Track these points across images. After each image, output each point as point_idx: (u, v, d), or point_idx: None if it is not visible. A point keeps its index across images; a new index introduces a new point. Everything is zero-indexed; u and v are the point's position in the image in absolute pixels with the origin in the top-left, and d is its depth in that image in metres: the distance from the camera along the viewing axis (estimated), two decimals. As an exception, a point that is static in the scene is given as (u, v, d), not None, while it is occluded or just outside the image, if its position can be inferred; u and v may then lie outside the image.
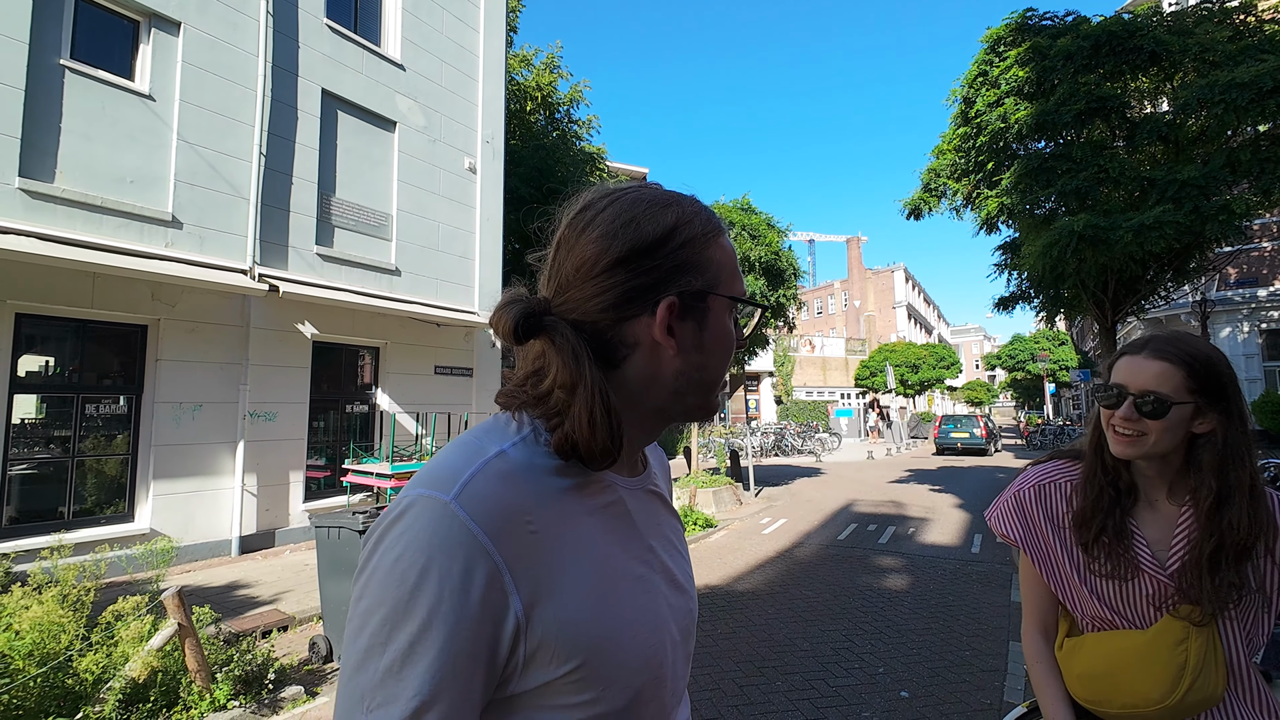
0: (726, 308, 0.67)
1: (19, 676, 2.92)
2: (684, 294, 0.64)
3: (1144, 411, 1.09)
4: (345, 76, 8.83)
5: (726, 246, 0.69)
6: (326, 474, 8.75)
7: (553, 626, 0.56)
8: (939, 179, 11.41)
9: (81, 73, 6.38)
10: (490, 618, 0.53)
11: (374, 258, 9.13)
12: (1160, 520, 1.17)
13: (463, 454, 0.59)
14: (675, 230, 0.64)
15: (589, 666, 0.57)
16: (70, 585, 3.40)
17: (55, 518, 6.32)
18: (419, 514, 0.54)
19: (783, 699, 3.63)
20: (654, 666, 0.62)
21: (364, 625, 0.52)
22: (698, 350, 0.65)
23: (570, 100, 18.27)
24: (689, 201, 0.68)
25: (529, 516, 0.57)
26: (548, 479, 0.60)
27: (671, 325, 0.63)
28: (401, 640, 0.50)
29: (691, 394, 0.67)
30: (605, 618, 0.59)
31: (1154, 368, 1.10)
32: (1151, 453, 1.10)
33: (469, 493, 0.54)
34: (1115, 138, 9.63)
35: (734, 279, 0.68)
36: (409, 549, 0.52)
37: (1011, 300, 12.30)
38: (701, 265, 0.65)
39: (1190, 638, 1.08)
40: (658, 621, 0.65)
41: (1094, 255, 8.53)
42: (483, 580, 0.52)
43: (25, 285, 5.96)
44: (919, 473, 16.49)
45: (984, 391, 49.04)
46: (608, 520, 0.64)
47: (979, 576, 6.31)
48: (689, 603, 0.74)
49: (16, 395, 6.10)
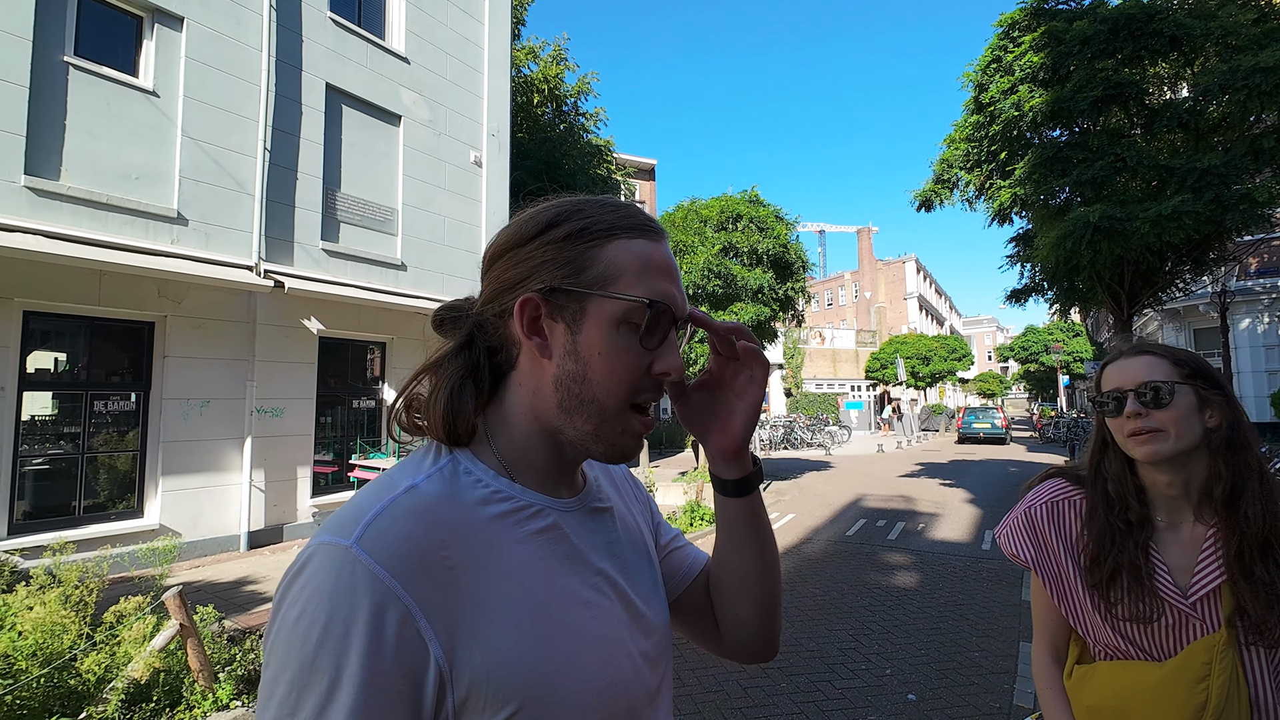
0: (618, 314, 0.59)
1: (22, 677, 2.94)
2: (547, 290, 0.60)
3: (1149, 401, 1.06)
4: (349, 70, 8.79)
5: (635, 249, 0.61)
6: (334, 469, 8.78)
7: (482, 669, 0.51)
8: (951, 169, 11.21)
9: (85, 69, 6.38)
10: (407, 669, 0.48)
11: (379, 253, 9.11)
12: (1183, 544, 1.08)
13: (370, 494, 0.55)
14: (551, 225, 0.61)
15: (529, 709, 0.52)
16: (73, 586, 3.40)
17: (67, 513, 6.38)
18: (319, 565, 0.49)
19: (787, 701, 3.59)
20: (610, 701, 0.57)
21: (271, 695, 0.47)
22: (570, 357, 0.60)
23: (578, 92, 18.16)
24: (597, 204, 0.63)
25: (445, 552, 0.52)
26: (467, 510, 0.56)
27: (542, 324, 0.60)
28: (309, 707, 0.46)
29: (577, 413, 0.60)
30: (543, 654, 0.54)
31: (1141, 361, 1.11)
32: (1177, 448, 1.04)
33: (372, 534, 0.50)
34: (1133, 125, 9.41)
35: (634, 284, 0.60)
36: (310, 604, 0.48)
37: (1025, 293, 12.11)
38: (580, 262, 0.60)
39: (1212, 675, 1.00)
40: (613, 649, 0.60)
41: (1110, 247, 8.35)
42: (393, 628, 0.48)
43: (33, 283, 5.99)
44: (930, 466, 16.35)
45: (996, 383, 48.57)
46: (542, 547, 0.59)
47: (989, 574, 6.23)
48: (655, 622, 0.68)
49: (26, 393, 6.15)
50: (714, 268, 10.39)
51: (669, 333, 0.62)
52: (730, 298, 10.73)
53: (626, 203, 0.66)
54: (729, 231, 11.08)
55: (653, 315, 0.60)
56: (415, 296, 9.14)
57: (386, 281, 9.08)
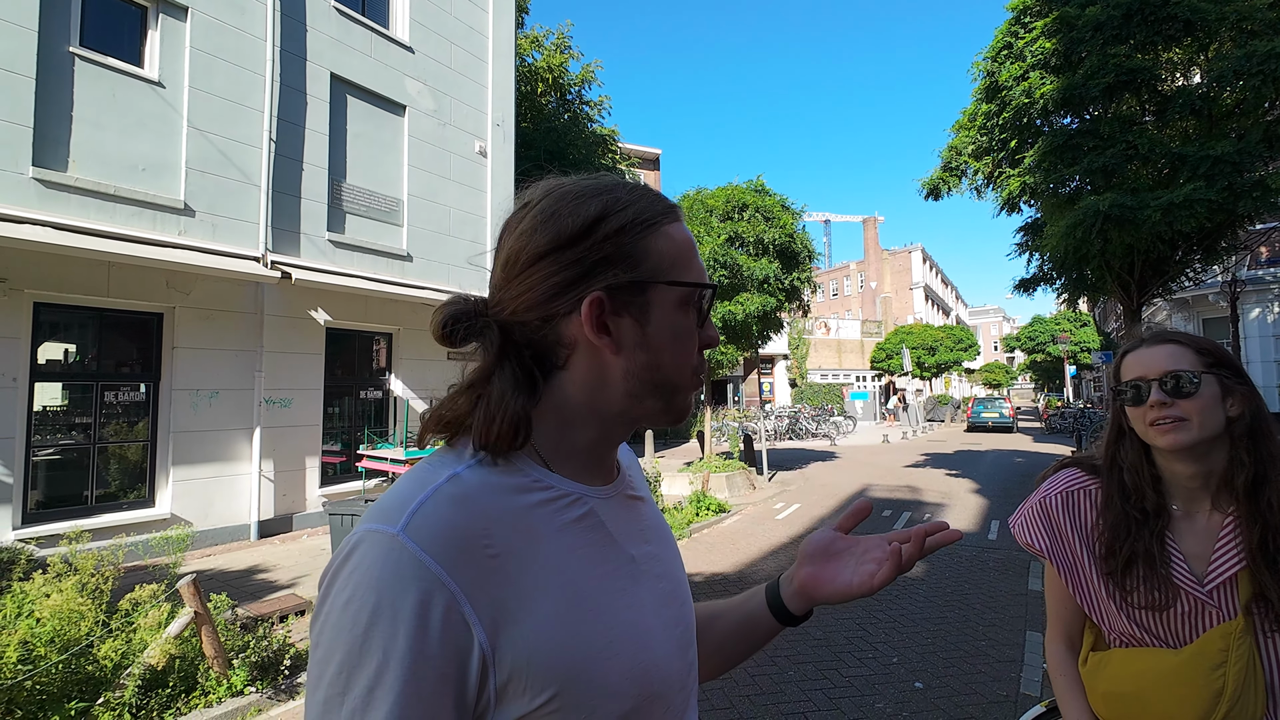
0: (677, 300, 0.62)
1: (41, 663, 2.98)
2: (613, 288, 0.60)
3: (1172, 390, 1.05)
4: (354, 60, 8.75)
5: (675, 235, 0.63)
6: (342, 459, 8.84)
7: (523, 654, 0.52)
8: (959, 157, 11.11)
9: (91, 60, 6.37)
10: (452, 652, 0.49)
11: (385, 243, 9.11)
12: (1200, 532, 1.08)
13: (413, 482, 0.56)
14: (600, 221, 0.60)
15: (567, 694, 0.53)
16: (89, 574, 3.45)
17: (80, 502, 6.44)
18: (366, 551, 0.50)
19: (794, 689, 3.61)
20: (643, 685, 0.58)
21: (321, 676, 0.48)
22: (641, 349, 0.61)
23: (582, 81, 18.06)
24: (626, 190, 0.63)
25: (486, 540, 0.53)
26: (508, 498, 0.57)
27: (606, 322, 0.60)
28: (359, 688, 0.47)
29: (649, 397, 0.62)
30: (581, 640, 0.55)
31: (1164, 350, 1.09)
32: (1200, 436, 1.04)
33: (417, 522, 0.51)
34: (1145, 112, 9.29)
35: (684, 268, 0.63)
36: (359, 590, 0.49)
37: (1032, 282, 12.03)
38: (635, 256, 0.61)
39: (1229, 662, 1.00)
40: (645, 637, 0.61)
41: (1120, 235, 8.27)
42: (440, 613, 0.49)
43: (42, 274, 6.02)
44: (935, 457, 16.34)
45: (1002, 374, 48.35)
46: (579, 535, 0.60)
47: (996, 564, 6.23)
48: (683, 611, 0.70)
49: (38, 383, 6.19)
50: (720, 257, 10.35)
51: (707, 310, 0.66)
52: (736, 288, 10.70)
53: (644, 185, 0.67)
54: (735, 221, 11.03)
55: (710, 296, 0.64)
56: (421, 287, 9.15)
57: (392, 272, 9.09)
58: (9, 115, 5.77)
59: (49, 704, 2.96)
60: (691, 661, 0.69)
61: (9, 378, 5.80)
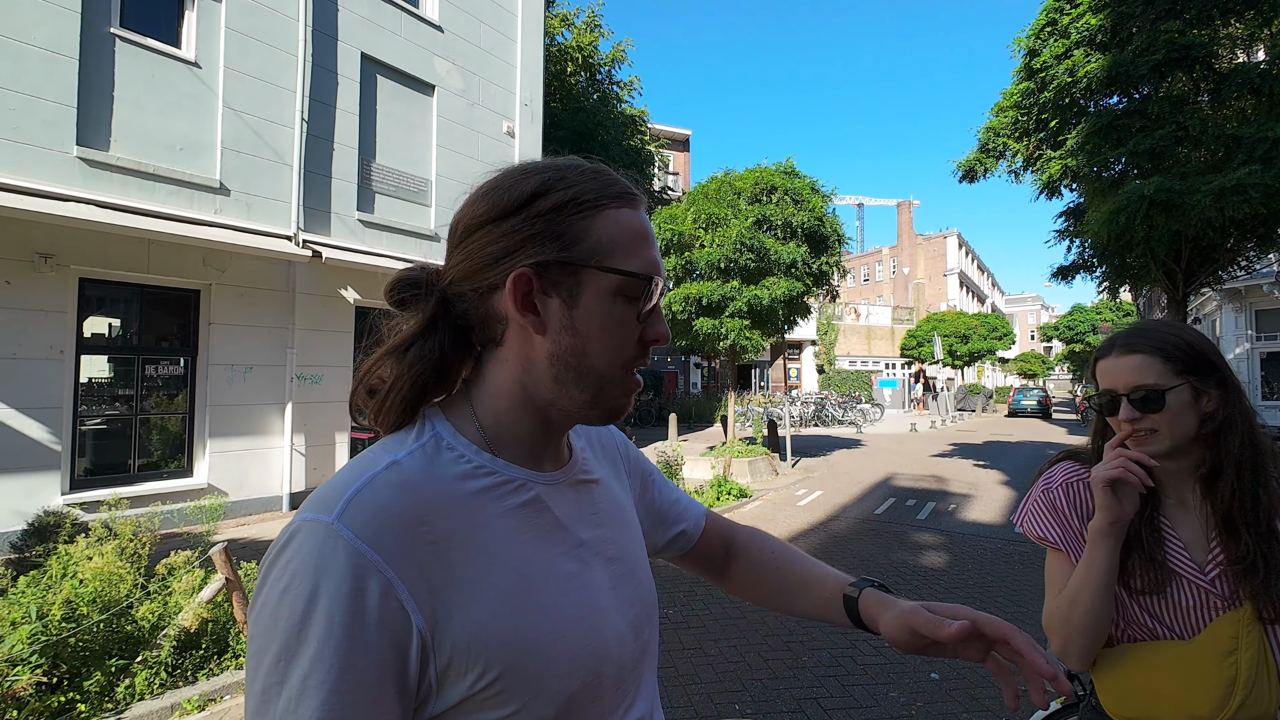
0: (613, 286, 0.60)
1: (84, 622, 3.14)
2: (541, 265, 0.59)
3: (1140, 404, 1.06)
4: (384, 39, 8.79)
5: (622, 220, 0.61)
6: (370, 435, 8.94)
7: (463, 639, 0.52)
8: (998, 139, 10.72)
9: (131, 41, 6.52)
10: (390, 639, 0.50)
11: (414, 223, 9.22)
12: (1194, 520, 1.09)
13: (353, 470, 0.56)
14: (537, 196, 0.60)
15: (510, 676, 0.54)
16: (127, 539, 3.61)
17: (124, 470, 6.73)
18: (303, 540, 0.50)
19: (808, 675, 3.62)
20: (590, 666, 0.59)
21: (259, 666, 0.49)
22: (568, 332, 0.60)
23: (612, 61, 17.88)
24: (576, 172, 0.62)
25: (426, 526, 0.54)
26: (450, 485, 0.57)
27: (535, 300, 0.60)
28: (296, 676, 0.47)
29: (573, 385, 0.61)
30: (523, 624, 0.55)
31: (1130, 362, 1.09)
32: (1173, 445, 1.06)
33: (354, 510, 0.51)
34: (1199, 91, 8.82)
35: (627, 256, 0.60)
36: (295, 579, 0.49)
37: (1072, 270, 11.61)
38: (570, 236, 0.59)
39: (1240, 649, 1.01)
40: (593, 618, 0.61)
41: (1166, 222, 7.92)
42: (376, 600, 0.49)
43: (87, 251, 6.24)
44: (964, 447, 16.04)
45: (1038, 364, 47.11)
46: (523, 520, 0.61)
47: (1021, 557, 6.12)
48: (639, 590, 0.69)
49: (83, 356, 6.45)
50: (747, 241, 10.21)
51: (655, 301, 0.63)
52: (763, 271, 10.56)
53: (603, 167, 0.65)
54: (763, 204, 10.85)
55: (650, 288, 0.61)
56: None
57: (420, 252, 9.20)
58: (55, 96, 5.95)
59: (91, 660, 3.12)
60: (647, 640, 0.69)
61: (56, 350, 6.05)
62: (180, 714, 3.14)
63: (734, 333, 10.45)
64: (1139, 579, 1.08)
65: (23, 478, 5.78)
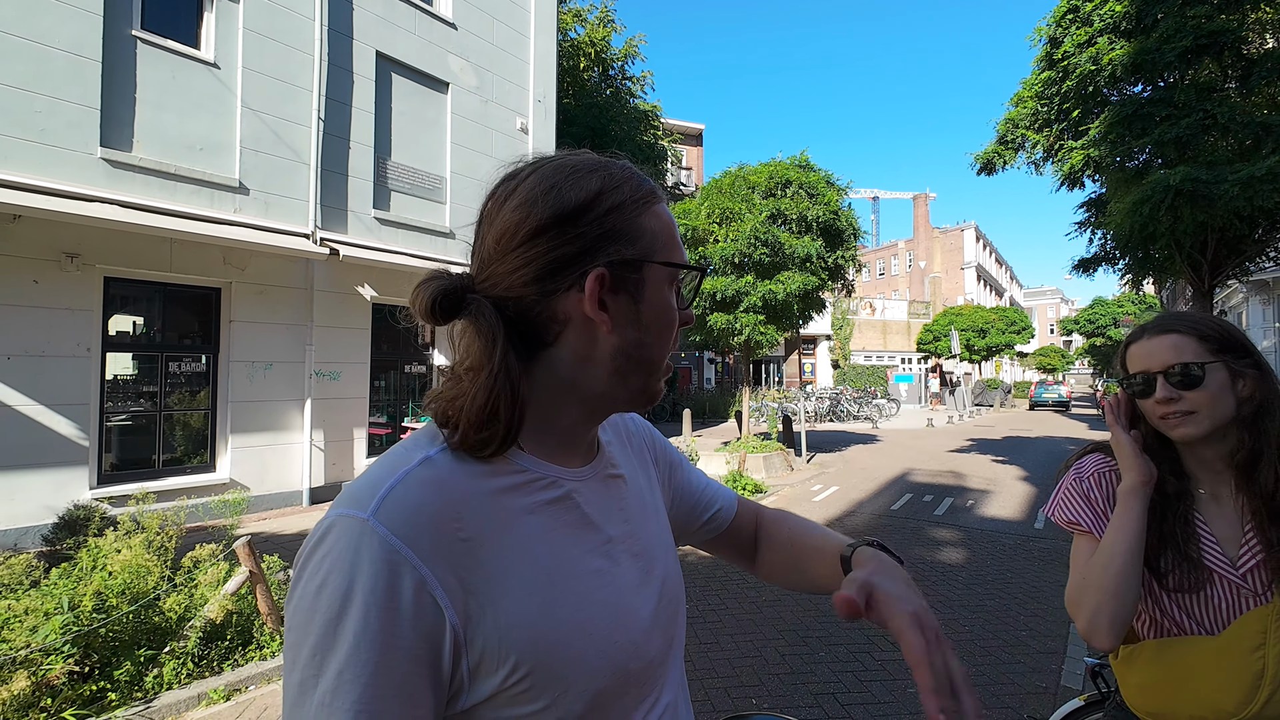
0: (665, 279, 0.64)
1: (113, 613, 3.21)
2: (614, 264, 0.60)
3: (1178, 383, 1.04)
4: (398, 37, 8.84)
5: (663, 215, 0.65)
6: (388, 431, 9.14)
7: (494, 635, 0.53)
8: (1017, 130, 10.55)
9: (152, 43, 6.61)
10: (424, 633, 0.50)
11: (429, 221, 9.27)
12: (1229, 515, 1.07)
13: (386, 467, 0.56)
14: (600, 196, 0.61)
15: (540, 673, 0.54)
16: (154, 532, 3.68)
17: (149, 465, 6.87)
18: (338, 536, 0.51)
19: (826, 670, 3.61)
20: (618, 664, 0.60)
21: (296, 659, 0.50)
22: (634, 326, 0.62)
23: (625, 55, 17.83)
24: (618, 167, 0.64)
25: (458, 524, 0.54)
26: (480, 481, 0.57)
27: (604, 299, 0.60)
28: (332, 670, 0.48)
29: (634, 375, 0.63)
30: (552, 621, 0.56)
31: (1165, 342, 1.07)
32: (1213, 427, 1.03)
33: (388, 506, 0.52)
34: (1227, 78, 8.61)
35: (672, 249, 0.64)
36: (331, 574, 0.50)
37: (1093, 262, 11.40)
38: (633, 233, 0.61)
39: (1268, 644, 0.99)
40: (622, 616, 0.62)
41: (1192, 212, 7.74)
42: (411, 596, 0.50)
43: (111, 250, 6.35)
44: (982, 442, 15.86)
45: (1058, 358, 46.40)
46: (554, 517, 0.61)
47: (1041, 553, 6.05)
48: (666, 585, 0.70)
49: (109, 353, 6.58)
50: (761, 235, 10.16)
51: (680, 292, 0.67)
52: (777, 266, 10.51)
53: (639, 175, 0.66)
54: (777, 198, 10.78)
55: (697, 280, 0.67)
56: (465, 265, 9.24)
57: (436, 249, 9.26)
58: (79, 98, 6.06)
59: (121, 650, 3.19)
60: (673, 637, 0.70)
61: (83, 348, 6.18)
62: (207, 704, 3.21)
63: (748, 328, 10.41)
64: (1173, 577, 1.06)
65: (52, 472, 5.92)
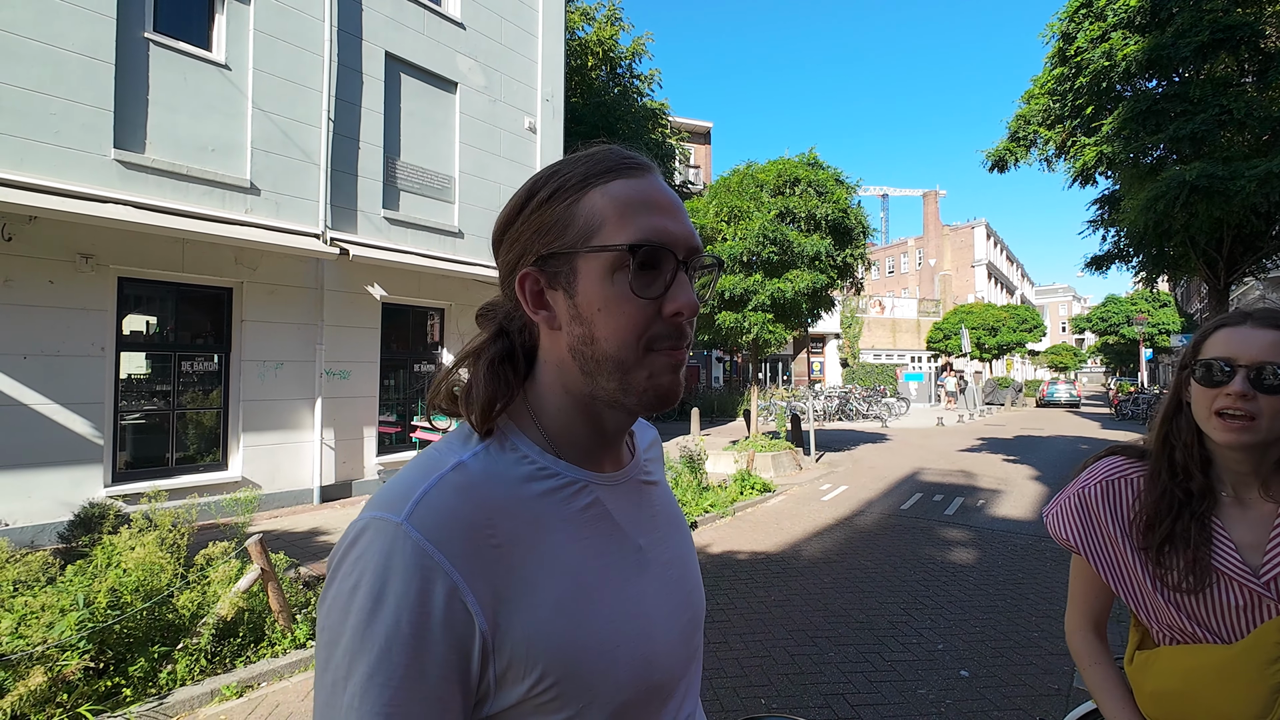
0: (607, 265, 0.57)
1: (128, 609, 3.25)
2: (540, 260, 0.59)
3: (1260, 385, 0.96)
4: (407, 38, 8.87)
5: (613, 192, 0.58)
6: (397, 430, 9.19)
7: (522, 643, 0.53)
8: (1029, 126, 10.45)
9: (164, 45, 6.67)
10: (454, 638, 0.51)
11: (438, 220, 9.31)
12: (1253, 521, 1.02)
13: (419, 470, 0.57)
14: (531, 194, 0.60)
15: (566, 682, 0.54)
16: (167, 530, 3.72)
17: (162, 464, 6.94)
18: (371, 539, 0.51)
19: (835, 670, 3.59)
20: (644, 676, 0.59)
21: (329, 659, 0.50)
22: (576, 321, 0.59)
23: (632, 54, 17.84)
24: (571, 161, 0.61)
25: (490, 530, 0.54)
26: (513, 488, 0.58)
27: (545, 297, 0.60)
28: (361, 671, 0.49)
29: (599, 374, 0.59)
30: (582, 630, 0.56)
31: (1268, 337, 0.97)
32: (1266, 440, 0.97)
33: (421, 511, 0.52)
34: (1244, 73, 8.49)
35: (617, 229, 0.57)
36: (364, 576, 0.50)
37: (1106, 259, 11.30)
38: (561, 225, 0.58)
39: None
40: (649, 627, 0.61)
41: (1208, 209, 7.65)
42: (442, 601, 0.50)
43: (125, 251, 6.42)
44: (993, 441, 15.74)
45: (1070, 356, 45.96)
46: (585, 525, 0.61)
47: (1053, 554, 5.99)
48: (690, 597, 0.70)
49: (123, 353, 6.65)
50: (769, 234, 10.12)
51: (673, 270, 0.58)
52: (786, 265, 10.46)
53: (606, 148, 0.62)
54: (786, 196, 10.74)
55: (639, 260, 0.56)
56: (472, 264, 9.32)
57: (445, 249, 9.29)
58: (93, 100, 6.12)
59: (135, 646, 3.23)
60: (695, 648, 0.69)
61: (98, 347, 6.25)
62: (220, 700, 3.24)
63: (757, 326, 10.37)
64: (1175, 575, 1.03)
65: (68, 470, 5.99)
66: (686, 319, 0.59)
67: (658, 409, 0.61)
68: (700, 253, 0.61)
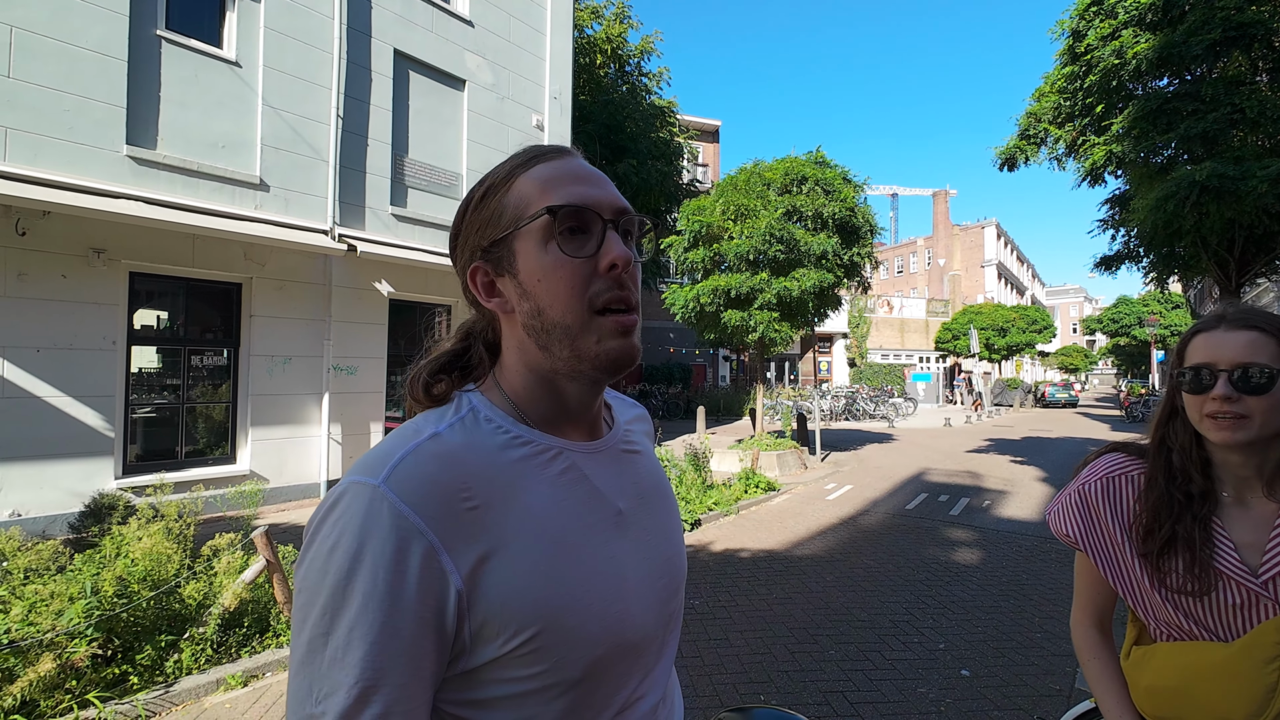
0: (538, 237, 0.61)
1: (135, 599, 3.30)
2: (483, 252, 0.65)
3: (1244, 387, 0.96)
4: (416, 36, 8.91)
5: (535, 174, 0.64)
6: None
7: (496, 601, 0.55)
8: (1039, 125, 10.39)
9: (176, 42, 6.74)
10: (429, 597, 0.53)
11: (445, 217, 9.34)
12: (1253, 521, 1.02)
13: (397, 439, 0.59)
14: (469, 201, 0.67)
15: (540, 639, 0.56)
16: (173, 520, 3.77)
17: (172, 457, 7.02)
18: (350, 501, 0.54)
19: (835, 668, 3.59)
20: (616, 634, 0.61)
21: (306, 617, 0.52)
22: (524, 299, 0.63)
23: (640, 52, 17.81)
24: (502, 164, 0.67)
25: (467, 493, 0.56)
26: (490, 455, 0.60)
27: (497, 286, 0.65)
28: (342, 628, 0.50)
29: (553, 345, 0.62)
30: (554, 589, 0.58)
31: (1242, 338, 0.98)
32: (1260, 435, 0.97)
33: (399, 475, 0.54)
34: (1257, 72, 8.40)
35: (542, 201, 0.61)
36: (342, 537, 0.52)
37: (1116, 260, 11.22)
38: (496, 215, 0.64)
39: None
40: (622, 587, 0.63)
41: (1219, 209, 7.58)
42: (418, 561, 0.52)
43: (136, 246, 6.49)
44: (1000, 442, 15.65)
45: (1080, 357, 45.58)
46: (561, 488, 0.63)
47: (1058, 555, 5.96)
48: (670, 563, 0.72)
49: (134, 347, 6.73)
50: (776, 232, 10.10)
51: (602, 230, 0.62)
52: (793, 263, 10.45)
53: (532, 145, 0.69)
54: (793, 194, 10.72)
55: (561, 219, 0.60)
56: (479, 261, 9.34)
57: (451, 246, 9.32)
58: (105, 97, 6.20)
59: (142, 634, 3.28)
60: (672, 614, 0.71)
61: (109, 341, 6.32)
62: (225, 689, 3.28)
63: (763, 325, 10.36)
64: (1177, 579, 1.03)
65: (79, 462, 6.08)
66: (623, 270, 0.61)
67: (615, 373, 0.64)
68: (629, 214, 0.65)
